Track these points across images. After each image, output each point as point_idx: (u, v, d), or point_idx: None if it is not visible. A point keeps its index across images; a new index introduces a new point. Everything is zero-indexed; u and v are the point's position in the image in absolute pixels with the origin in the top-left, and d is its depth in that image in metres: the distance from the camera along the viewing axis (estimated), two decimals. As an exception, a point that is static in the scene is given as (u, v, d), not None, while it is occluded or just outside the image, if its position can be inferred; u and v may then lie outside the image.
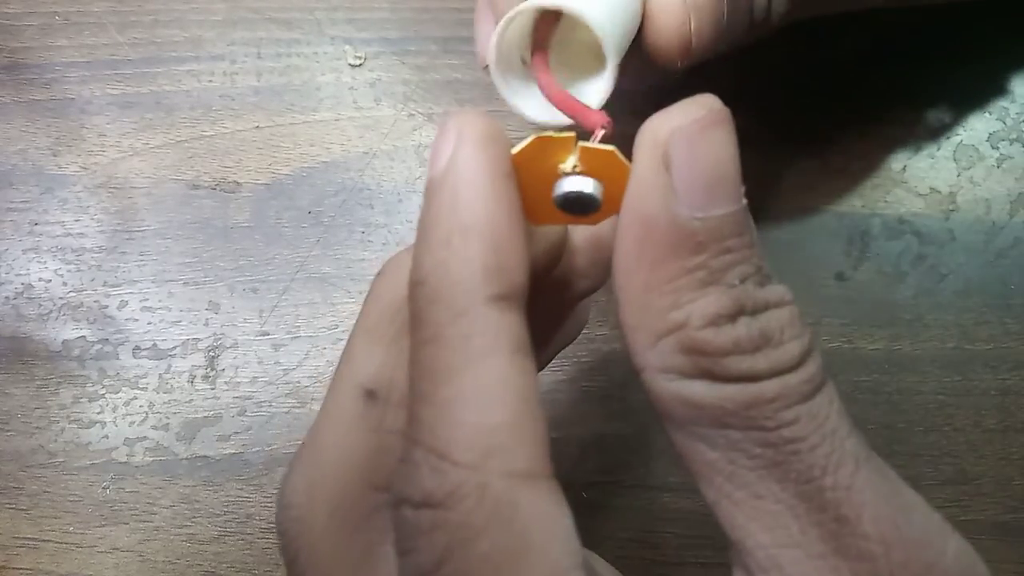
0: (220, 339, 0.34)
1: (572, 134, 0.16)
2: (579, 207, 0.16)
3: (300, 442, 0.18)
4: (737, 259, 0.15)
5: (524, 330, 0.15)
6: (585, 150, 0.16)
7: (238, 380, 0.33)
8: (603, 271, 0.21)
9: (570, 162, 0.16)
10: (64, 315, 0.34)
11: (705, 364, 0.15)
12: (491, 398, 0.14)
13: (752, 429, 0.15)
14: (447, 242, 0.15)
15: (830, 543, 0.14)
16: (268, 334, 0.34)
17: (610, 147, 0.16)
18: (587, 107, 0.19)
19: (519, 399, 0.14)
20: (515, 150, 0.16)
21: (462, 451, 0.14)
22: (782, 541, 0.15)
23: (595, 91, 0.21)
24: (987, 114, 0.35)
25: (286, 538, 0.17)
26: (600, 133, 0.17)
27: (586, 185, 0.16)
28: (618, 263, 0.16)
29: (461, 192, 0.15)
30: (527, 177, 0.16)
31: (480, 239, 0.15)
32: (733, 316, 0.15)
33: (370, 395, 0.17)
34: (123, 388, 0.33)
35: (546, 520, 0.14)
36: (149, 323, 0.34)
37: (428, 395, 0.15)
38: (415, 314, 0.15)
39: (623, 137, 0.17)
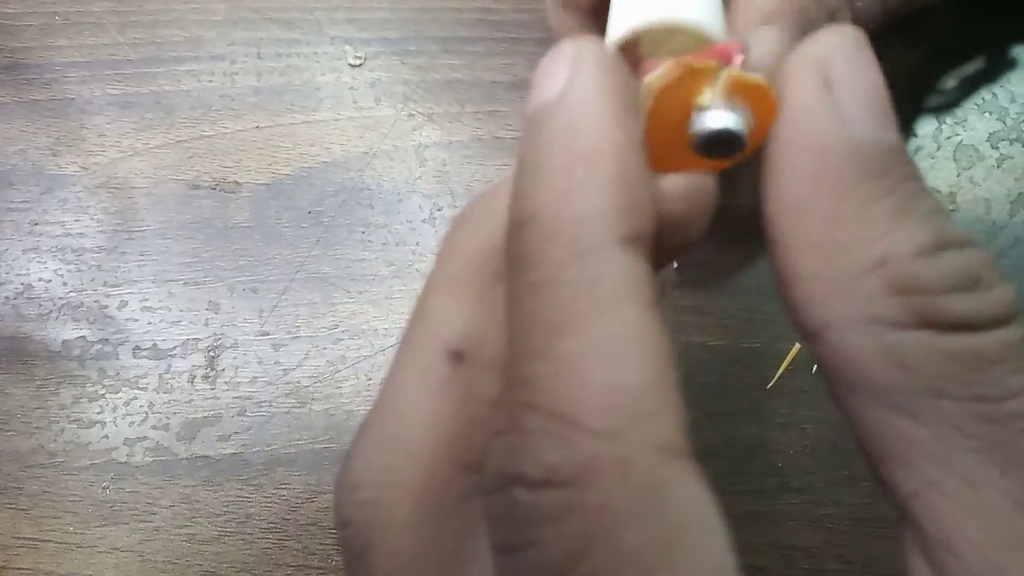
0: (220, 339, 0.34)
1: (715, 62, 0.14)
2: (721, 148, 0.14)
3: (300, 442, 0.17)
4: (920, 187, 0.13)
5: (655, 283, 0.13)
6: (736, 81, 0.14)
7: (238, 380, 0.33)
8: (700, 222, 0.17)
9: (709, 95, 0.14)
10: (64, 315, 0.34)
11: (921, 306, 0.12)
12: (627, 353, 0.12)
13: (974, 400, 0.12)
14: (567, 172, 0.13)
15: None
16: (268, 334, 0.34)
17: (762, 78, 0.14)
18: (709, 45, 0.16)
19: (659, 357, 0.12)
20: (651, 78, 0.14)
21: (596, 416, 0.11)
22: (1005, 542, 0.12)
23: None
24: (987, 114, 0.35)
25: (353, 527, 0.14)
26: (739, 60, 0.15)
27: (733, 121, 0.14)
28: (783, 204, 0.14)
29: (582, 117, 0.13)
30: (657, 113, 0.14)
31: (610, 168, 0.13)
32: (938, 249, 0.12)
33: (457, 357, 0.15)
34: (123, 388, 0.33)
35: (701, 508, 0.12)
36: (149, 323, 0.34)
37: (542, 350, 0.12)
38: (521, 256, 0.13)
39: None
